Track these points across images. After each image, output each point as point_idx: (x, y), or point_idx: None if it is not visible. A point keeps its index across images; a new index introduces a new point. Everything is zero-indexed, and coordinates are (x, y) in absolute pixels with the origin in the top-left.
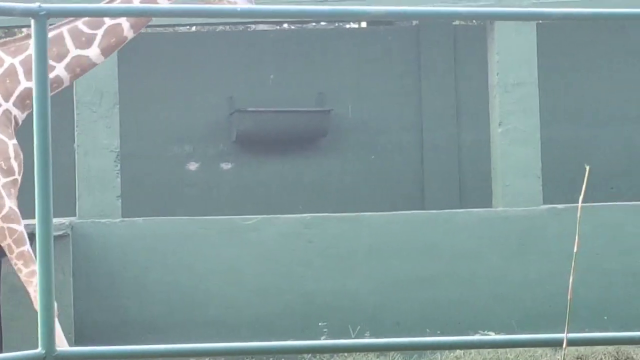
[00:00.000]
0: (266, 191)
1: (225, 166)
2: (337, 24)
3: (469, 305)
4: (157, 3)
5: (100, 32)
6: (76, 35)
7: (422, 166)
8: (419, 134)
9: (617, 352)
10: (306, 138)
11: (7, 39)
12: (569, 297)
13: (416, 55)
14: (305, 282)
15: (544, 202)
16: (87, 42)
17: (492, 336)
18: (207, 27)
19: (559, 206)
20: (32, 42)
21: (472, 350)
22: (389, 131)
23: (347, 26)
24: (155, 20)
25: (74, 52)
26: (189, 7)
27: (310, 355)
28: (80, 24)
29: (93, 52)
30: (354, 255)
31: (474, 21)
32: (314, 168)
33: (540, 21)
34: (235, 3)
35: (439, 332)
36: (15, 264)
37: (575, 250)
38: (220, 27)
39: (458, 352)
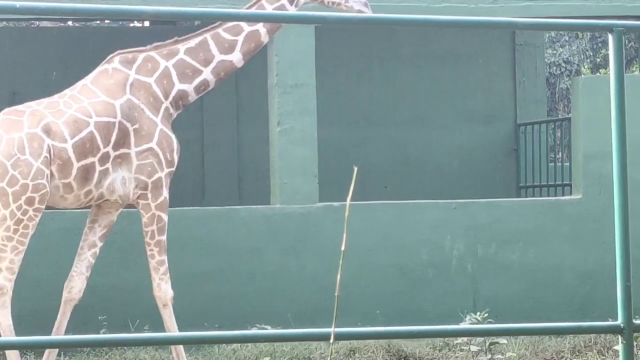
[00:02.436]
0: None
1: None
2: (120, 23)
3: (247, 299)
4: (286, 9)
5: (240, 38)
6: (219, 41)
7: (202, 163)
8: (199, 131)
9: (389, 346)
10: None
11: (159, 43)
12: (336, 294)
13: None
14: None
15: (320, 200)
16: (230, 47)
17: (267, 330)
18: None
19: (335, 204)
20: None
21: (249, 344)
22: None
23: (131, 25)
24: None
25: (218, 57)
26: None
27: (89, 349)
28: (221, 30)
29: (236, 57)
30: (133, 249)
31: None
32: None
33: (319, 25)
34: (351, 8)
35: (217, 325)
36: (151, 250)
37: (343, 248)
38: (4, 23)
39: (235, 345)
